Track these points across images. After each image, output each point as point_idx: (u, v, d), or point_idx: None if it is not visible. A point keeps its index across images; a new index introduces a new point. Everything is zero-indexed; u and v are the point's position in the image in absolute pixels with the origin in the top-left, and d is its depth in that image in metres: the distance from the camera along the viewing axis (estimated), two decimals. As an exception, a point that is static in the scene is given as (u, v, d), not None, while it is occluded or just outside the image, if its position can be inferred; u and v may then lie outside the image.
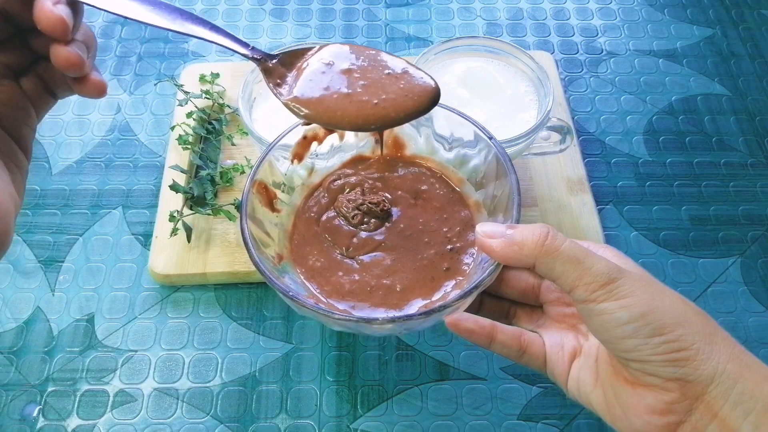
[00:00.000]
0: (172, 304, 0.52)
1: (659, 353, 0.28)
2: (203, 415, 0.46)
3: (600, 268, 0.29)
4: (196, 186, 0.54)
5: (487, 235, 0.33)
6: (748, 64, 0.69)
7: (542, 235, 0.31)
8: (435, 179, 0.44)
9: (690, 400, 0.28)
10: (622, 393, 0.30)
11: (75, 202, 0.57)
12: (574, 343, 0.34)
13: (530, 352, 0.34)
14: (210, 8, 0.73)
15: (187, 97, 0.58)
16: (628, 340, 0.28)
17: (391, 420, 0.46)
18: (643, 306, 0.28)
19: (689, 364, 0.28)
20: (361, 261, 0.40)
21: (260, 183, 0.39)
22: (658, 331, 0.28)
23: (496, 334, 0.34)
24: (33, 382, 0.48)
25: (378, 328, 0.34)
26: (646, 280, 0.30)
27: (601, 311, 0.29)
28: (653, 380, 0.29)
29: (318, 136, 0.42)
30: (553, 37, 0.71)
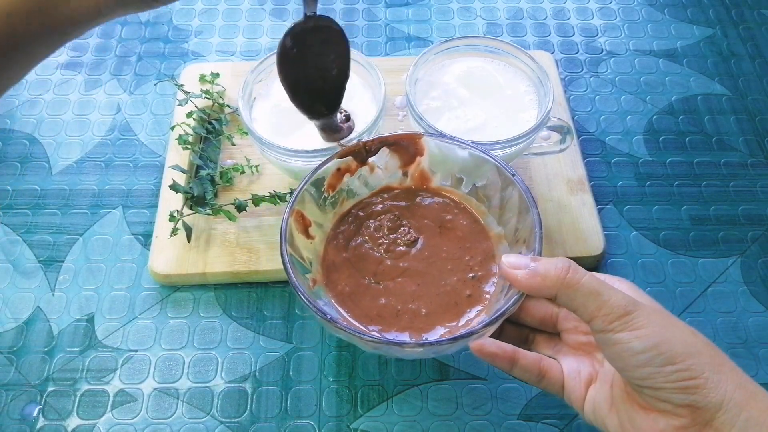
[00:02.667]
0: (172, 304, 0.52)
1: (671, 381, 0.30)
2: (203, 415, 0.46)
3: (617, 300, 0.31)
4: (196, 186, 0.54)
5: (512, 266, 0.35)
6: (748, 64, 0.69)
7: (564, 268, 0.33)
8: (458, 210, 0.46)
9: (699, 425, 0.30)
10: (636, 417, 0.32)
11: (75, 202, 0.57)
12: (590, 369, 0.36)
13: (549, 377, 0.36)
14: (210, 8, 0.73)
15: (187, 97, 0.58)
16: (642, 369, 0.30)
17: (391, 420, 0.46)
18: (656, 337, 0.30)
19: (699, 391, 0.30)
20: (387, 286, 0.42)
21: (298, 212, 0.42)
22: (670, 360, 0.30)
23: (517, 359, 0.36)
24: (33, 382, 0.48)
25: (409, 352, 0.36)
26: (659, 313, 0.32)
27: (618, 341, 0.31)
28: (665, 406, 0.31)
29: (351, 168, 0.45)
30: (553, 36, 0.71)
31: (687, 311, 0.51)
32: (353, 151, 0.44)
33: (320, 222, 0.44)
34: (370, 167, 0.45)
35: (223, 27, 0.72)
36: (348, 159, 0.44)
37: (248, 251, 0.52)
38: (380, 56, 0.69)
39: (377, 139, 0.44)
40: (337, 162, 0.43)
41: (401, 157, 0.46)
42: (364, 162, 0.45)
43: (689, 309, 0.51)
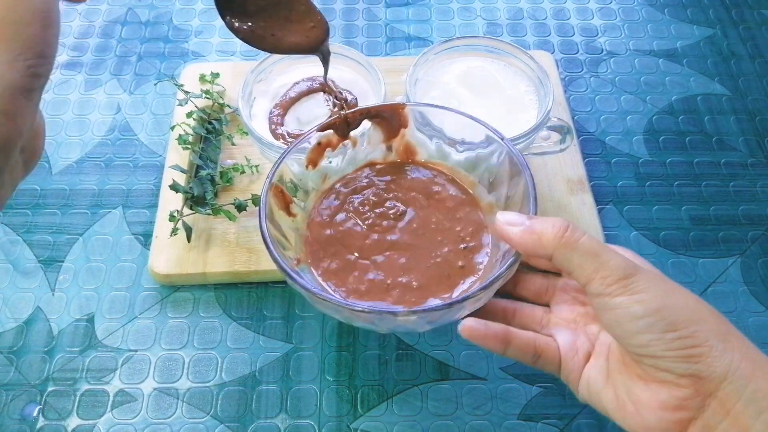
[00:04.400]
0: (172, 304, 0.52)
1: (673, 349, 0.28)
2: (203, 415, 0.46)
3: (617, 263, 0.30)
4: (196, 186, 0.54)
5: (507, 223, 0.33)
6: (748, 64, 0.69)
7: (562, 227, 0.31)
8: (447, 181, 0.44)
9: (703, 396, 0.28)
10: (634, 389, 0.30)
11: (75, 202, 0.57)
12: (587, 345, 0.34)
13: (545, 356, 0.35)
14: (210, 8, 0.73)
15: (187, 97, 0.58)
16: (642, 335, 0.29)
17: (391, 420, 0.46)
18: (657, 301, 0.29)
19: (703, 360, 0.28)
20: (375, 261, 0.40)
21: (276, 187, 0.40)
22: (672, 327, 0.28)
23: (511, 340, 0.34)
24: (33, 382, 0.48)
25: (402, 321, 0.34)
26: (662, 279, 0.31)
27: (616, 305, 0.29)
28: (666, 376, 0.29)
29: (332, 142, 0.43)
30: (553, 36, 0.71)
31: (687, 311, 0.51)
32: (334, 125, 0.42)
33: (302, 199, 0.43)
34: (352, 141, 0.44)
35: (223, 27, 0.71)
36: (329, 133, 0.42)
37: (248, 251, 0.52)
38: (380, 56, 0.69)
39: (358, 110, 0.43)
40: (318, 136, 0.42)
41: (384, 130, 0.44)
42: (346, 136, 0.43)
43: (689, 309, 0.51)
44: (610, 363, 0.33)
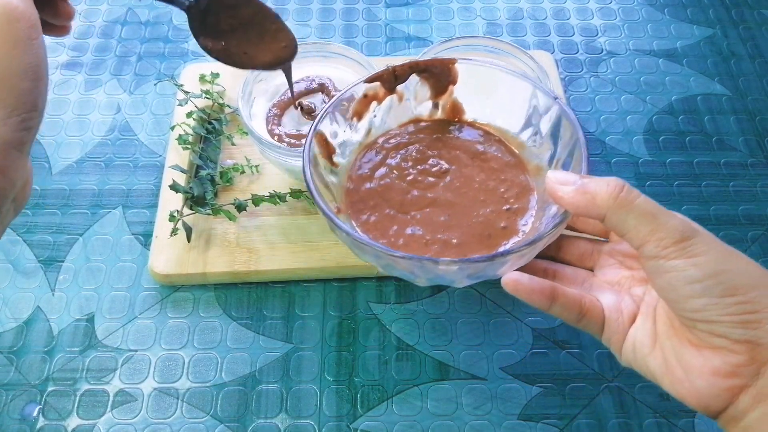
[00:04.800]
0: (172, 304, 0.52)
1: (730, 314, 0.27)
2: (203, 415, 0.46)
3: (674, 224, 0.29)
4: (196, 186, 0.54)
5: (559, 182, 0.32)
6: (748, 64, 0.69)
7: (617, 186, 0.30)
8: (494, 142, 0.43)
9: (758, 364, 0.27)
10: (684, 354, 0.29)
11: (75, 202, 0.57)
12: (633, 307, 0.33)
13: (590, 316, 0.33)
14: (210, 8, 0.73)
15: (187, 97, 0.58)
16: (697, 300, 0.28)
17: (391, 420, 0.46)
18: (716, 265, 0.28)
19: (762, 326, 0.27)
20: (414, 216, 0.40)
21: (321, 135, 0.40)
22: (731, 292, 0.27)
23: (557, 296, 0.33)
24: (33, 382, 0.48)
25: (443, 270, 0.33)
26: (721, 243, 0.29)
27: (672, 268, 0.28)
28: (721, 342, 0.28)
29: (378, 95, 0.42)
30: (553, 36, 0.71)
31: (687, 311, 0.51)
32: (381, 77, 0.41)
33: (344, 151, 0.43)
34: (398, 96, 0.43)
35: (223, 27, 0.71)
36: (375, 85, 0.42)
37: (248, 251, 0.52)
38: (380, 56, 0.69)
39: (407, 64, 0.42)
40: (364, 87, 0.41)
41: (433, 86, 0.43)
42: (393, 90, 0.42)
43: (689, 309, 0.51)
44: (658, 326, 0.31)
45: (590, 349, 0.49)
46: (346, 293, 0.52)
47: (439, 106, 0.45)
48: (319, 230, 0.53)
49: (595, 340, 0.50)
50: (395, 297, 0.52)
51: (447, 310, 0.51)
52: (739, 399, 0.28)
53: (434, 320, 0.51)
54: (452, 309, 0.51)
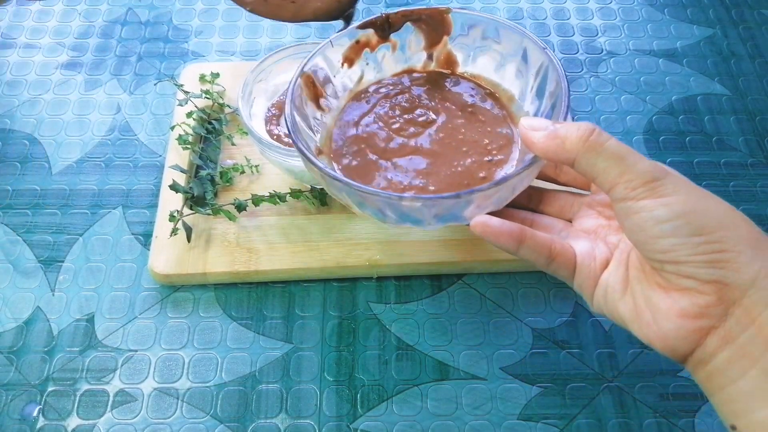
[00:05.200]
0: (172, 304, 0.52)
1: (698, 253, 0.27)
2: (203, 415, 0.46)
3: (644, 166, 0.28)
4: (196, 186, 0.54)
5: (531, 127, 0.32)
6: (748, 64, 0.69)
7: (588, 130, 0.30)
8: (484, 95, 0.44)
9: (726, 304, 0.27)
10: (653, 298, 0.29)
11: (75, 202, 0.57)
12: (606, 251, 0.33)
13: (559, 259, 0.33)
14: (210, 8, 0.73)
15: (187, 97, 0.58)
16: (665, 240, 0.27)
17: (391, 420, 0.46)
18: (685, 205, 0.27)
19: (729, 266, 0.27)
20: (395, 163, 0.40)
21: (308, 77, 0.40)
22: (699, 231, 0.27)
23: (525, 238, 0.33)
24: (33, 382, 0.48)
25: (408, 206, 0.33)
26: (692, 184, 0.29)
27: (640, 209, 0.28)
28: (689, 283, 0.28)
29: (371, 42, 0.42)
30: (553, 36, 0.71)
31: (687, 311, 0.51)
32: (374, 23, 0.41)
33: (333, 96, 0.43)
34: (392, 45, 0.43)
35: (223, 27, 0.72)
36: (369, 31, 0.41)
37: (248, 251, 0.52)
38: (380, 56, 0.69)
39: (401, 11, 0.42)
40: (357, 32, 0.41)
41: (427, 36, 0.43)
42: (386, 37, 0.42)
43: (689, 309, 0.51)
44: (630, 271, 0.31)
45: (590, 349, 0.49)
46: (346, 293, 0.52)
47: (434, 57, 0.45)
48: (319, 230, 0.53)
49: (596, 340, 0.50)
50: (395, 297, 0.52)
51: (447, 310, 0.51)
52: (707, 341, 0.28)
53: (434, 320, 0.51)
54: (452, 309, 0.51)
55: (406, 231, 0.53)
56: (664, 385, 0.48)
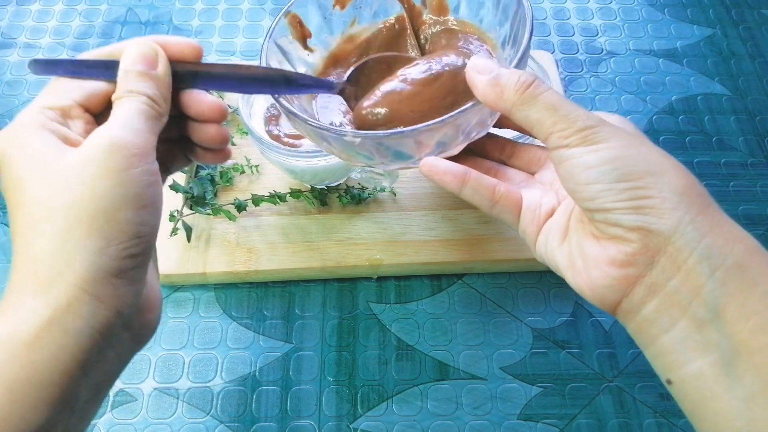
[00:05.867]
0: (172, 304, 0.52)
1: (623, 200, 0.27)
2: (203, 415, 0.46)
3: (577, 115, 0.28)
4: (196, 186, 0.54)
5: (477, 69, 0.31)
6: (748, 64, 0.69)
7: (526, 82, 0.29)
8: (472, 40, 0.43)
9: (652, 252, 0.27)
10: (585, 246, 0.29)
11: (75, 202, 0.57)
12: (554, 202, 0.33)
13: (503, 203, 0.33)
14: (210, 8, 0.73)
15: (187, 97, 0.58)
16: (592, 186, 0.27)
17: (391, 420, 0.46)
18: (614, 151, 0.27)
19: (653, 212, 0.27)
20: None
21: (295, 16, 0.40)
22: (625, 177, 0.27)
23: (468, 180, 0.33)
24: (33, 382, 0.48)
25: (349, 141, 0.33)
26: (629, 132, 0.29)
27: (571, 156, 0.28)
28: (616, 231, 0.28)
29: None
30: (553, 36, 0.71)
31: (687, 311, 0.51)
32: None
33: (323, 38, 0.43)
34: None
35: (223, 27, 0.72)
36: None
37: (248, 251, 0.52)
38: (380, 56, 0.68)
39: None
40: None
41: None
42: None
43: (689, 309, 0.51)
44: (570, 222, 0.31)
45: (590, 349, 0.49)
46: (346, 293, 0.52)
47: (427, 3, 0.45)
48: (319, 230, 0.53)
49: (596, 340, 0.50)
50: (395, 297, 0.52)
51: (447, 310, 0.51)
52: (634, 290, 0.28)
53: (434, 320, 0.51)
54: (452, 309, 0.51)
55: (406, 231, 0.53)
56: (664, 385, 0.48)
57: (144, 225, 0.27)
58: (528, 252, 0.51)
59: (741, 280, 0.25)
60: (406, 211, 0.54)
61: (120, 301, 0.26)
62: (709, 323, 0.26)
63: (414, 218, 0.54)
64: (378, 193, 0.55)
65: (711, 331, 0.26)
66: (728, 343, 0.25)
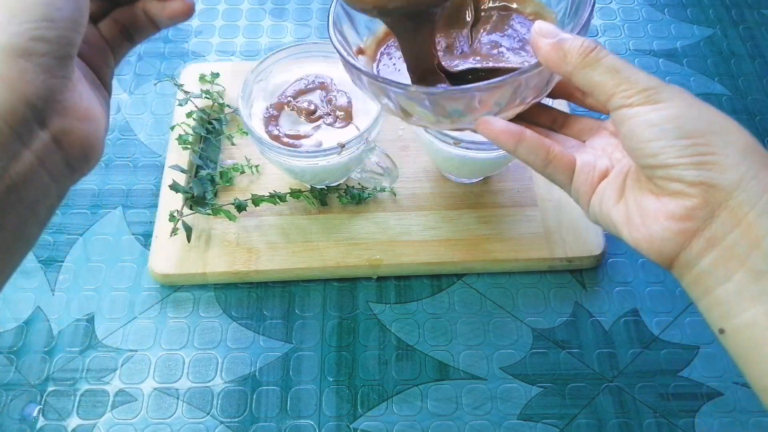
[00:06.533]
0: (172, 304, 0.52)
1: (685, 155, 0.27)
2: (203, 415, 0.46)
3: (640, 77, 0.29)
4: (196, 186, 0.54)
5: (541, 33, 0.32)
6: (748, 64, 0.69)
7: (589, 47, 0.30)
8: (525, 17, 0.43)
9: (712, 206, 0.27)
10: (644, 202, 0.30)
11: (75, 202, 0.57)
12: (607, 163, 0.34)
13: (557, 163, 0.34)
14: (210, 8, 0.73)
15: (187, 97, 0.58)
16: (655, 143, 0.28)
17: (391, 420, 0.46)
18: (677, 110, 0.28)
19: (715, 168, 0.27)
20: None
21: None
22: (688, 134, 0.28)
23: (524, 138, 0.34)
24: (33, 382, 0.48)
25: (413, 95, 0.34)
26: (690, 94, 0.30)
27: (634, 114, 0.29)
28: (677, 186, 0.28)
29: None
30: (553, 36, 0.71)
31: (687, 311, 0.51)
32: None
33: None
34: None
35: (223, 27, 0.72)
36: None
37: (248, 251, 0.52)
38: (380, 56, 0.69)
39: None
40: None
41: None
42: None
43: (689, 309, 0.51)
44: (627, 182, 0.32)
45: (590, 349, 0.49)
46: (346, 293, 0.52)
47: None
48: (319, 230, 0.53)
49: (596, 340, 0.50)
50: (395, 297, 0.52)
51: (447, 310, 0.51)
52: (692, 243, 0.28)
53: (434, 320, 0.51)
54: (452, 309, 0.51)
55: (406, 231, 0.53)
56: (664, 385, 0.48)
57: (58, 10, 0.26)
58: (528, 252, 0.52)
59: None
60: (406, 211, 0.54)
61: (28, 86, 0.25)
62: (766, 274, 0.26)
63: (414, 218, 0.54)
64: (378, 193, 0.55)
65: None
66: None
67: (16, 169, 0.25)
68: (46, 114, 0.26)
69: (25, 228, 0.27)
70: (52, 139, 0.27)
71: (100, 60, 0.32)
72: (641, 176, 0.31)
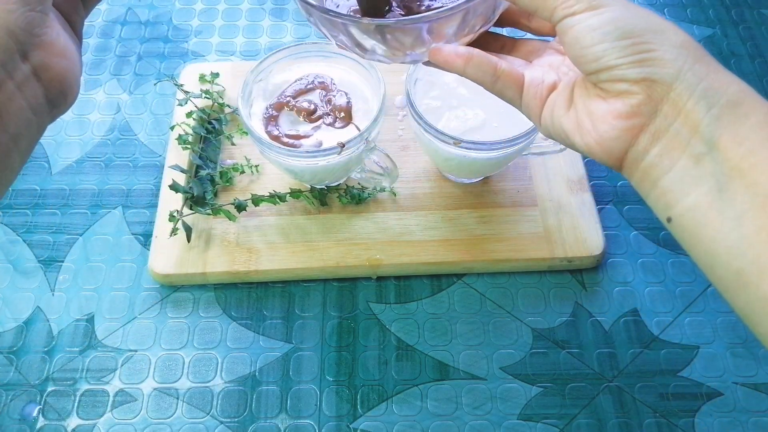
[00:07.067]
0: (172, 304, 0.52)
1: (626, 55, 0.29)
2: (203, 415, 0.46)
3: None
4: (196, 186, 0.54)
5: None
6: (748, 64, 0.69)
7: None
8: None
9: (655, 101, 0.29)
10: (592, 106, 0.31)
11: (75, 202, 0.57)
12: (555, 78, 0.35)
13: (505, 79, 0.35)
14: (210, 8, 0.73)
15: (187, 97, 0.58)
16: (597, 46, 0.29)
17: (391, 420, 0.46)
18: (616, 12, 0.29)
19: (655, 63, 0.29)
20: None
21: None
22: (627, 35, 0.29)
23: (472, 57, 0.34)
24: (33, 382, 0.48)
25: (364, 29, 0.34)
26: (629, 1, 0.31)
27: (576, 22, 0.30)
28: (621, 86, 0.29)
29: None
30: (553, 36, 0.71)
31: (687, 311, 0.51)
32: None
33: None
34: None
35: (223, 27, 0.72)
36: None
37: (248, 251, 0.52)
38: (380, 56, 0.68)
39: None
40: None
41: None
42: None
43: (689, 309, 0.51)
44: (575, 91, 0.33)
45: (590, 349, 0.49)
46: (346, 293, 0.52)
47: None
48: (319, 230, 0.53)
49: (596, 340, 0.50)
50: (395, 297, 0.52)
51: (447, 310, 0.51)
52: (639, 139, 0.30)
53: (434, 320, 0.51)
54: (452, 309, 0.51)
55: (406, 231, 0.53)
56: (664, 385, 0.48)
57: None
58: (528, 252, 0.52)
59: (735, 114, 0.28)
60: (406, 211, 0.54)
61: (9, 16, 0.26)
62: (705, 155, 0.28)
63: (414, 218, 0.54)
64: (378, 193, 0.55)
65: (706, 162, 0.28)
66: (721, 170, 0.27)
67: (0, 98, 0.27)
68: (27, 47, 0.27)
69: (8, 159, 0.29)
70: (32, 72, 0.28)
71: (71, 8, 0.33)
72: (588, 84, 0.32)
